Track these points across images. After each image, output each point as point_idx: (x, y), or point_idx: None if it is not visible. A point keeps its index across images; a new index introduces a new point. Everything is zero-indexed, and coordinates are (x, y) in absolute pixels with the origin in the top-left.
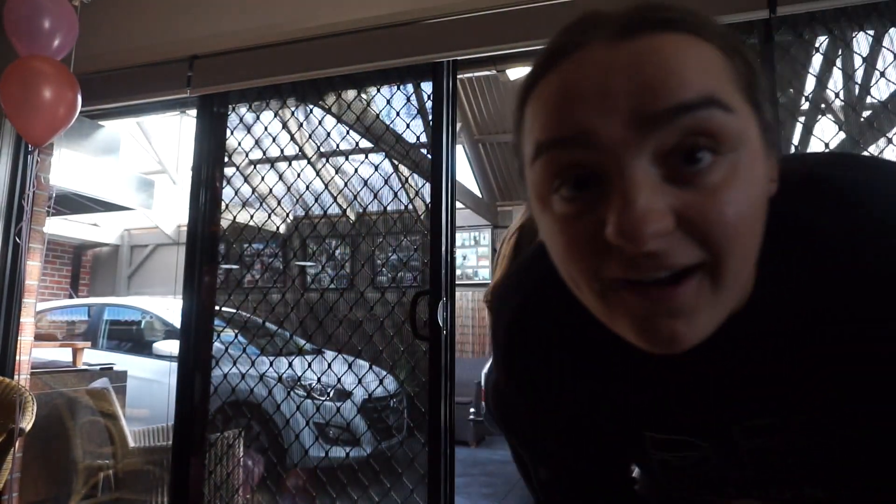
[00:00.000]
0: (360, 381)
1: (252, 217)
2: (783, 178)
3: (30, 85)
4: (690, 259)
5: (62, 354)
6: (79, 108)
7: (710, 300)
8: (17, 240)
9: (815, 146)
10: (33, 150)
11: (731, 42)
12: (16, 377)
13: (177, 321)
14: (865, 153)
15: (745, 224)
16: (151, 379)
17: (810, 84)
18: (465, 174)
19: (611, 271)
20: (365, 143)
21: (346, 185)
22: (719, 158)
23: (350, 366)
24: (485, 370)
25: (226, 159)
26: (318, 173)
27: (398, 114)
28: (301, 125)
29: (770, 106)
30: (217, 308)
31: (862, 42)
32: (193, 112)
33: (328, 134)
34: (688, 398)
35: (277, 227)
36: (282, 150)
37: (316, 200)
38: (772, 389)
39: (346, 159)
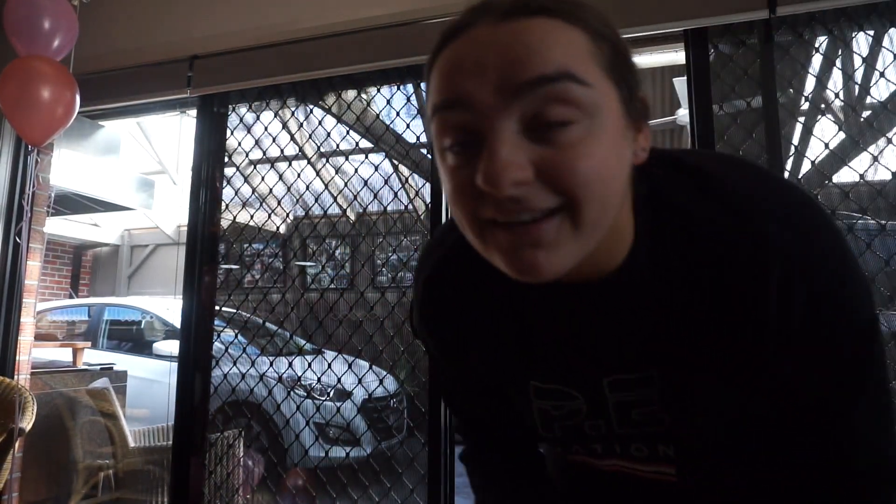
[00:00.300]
0: (360, 381)
1: (252, 217)
2: (662, 157)
3: (28, 85)
4: (547, 204)
5: (62, 354)
6: (77, 109)
7: (570, 238)
8: (18, 240)
9: (815, 146)
10: (33, 151)
11: (599, 28)
12: (16, 377)
13: (177, 321)
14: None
15: (597, 176)
16: (151, 379)
17: (810, 84)
18: None
19: (485, 213)
20: (365, 143)
21: (346, 185)
22: (575, 123)
23: (350, 366)
24: None
25: (226, 159)
26: (318, 173)
27: (398, 114)
28: (301, 125)
29: (637, 83)
30: (217, 308)
31: (862, 42)
32: (193, 112)
33: (328, 134)
34: (568, 350)
35: (277, 228)
36: (282, 151)
37: (316, 200)
38: (639, 346)
39: (346, 159)
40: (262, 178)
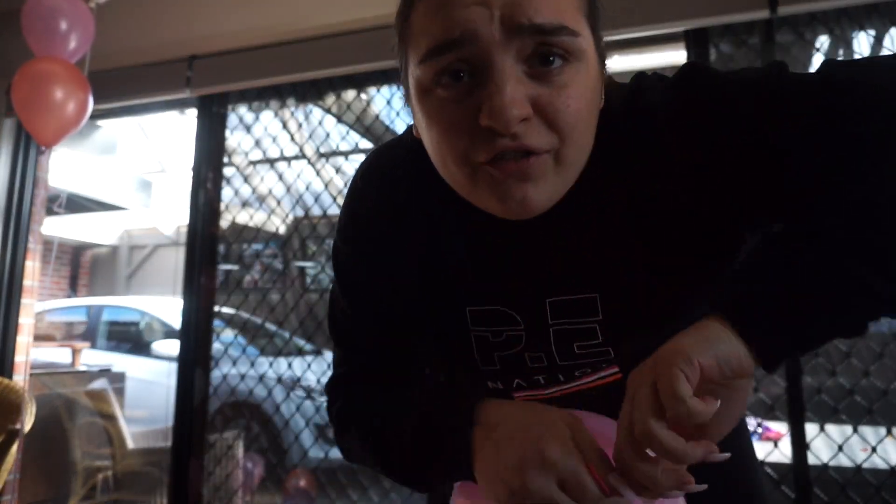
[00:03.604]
0: None
1: (252, 217)
2: (615, 94)
3: (40, 86)
4: (542, 143)
5: (61, 355)
6: (90, 110)
7: (554, 173)
8: (31, 243)
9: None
10: (45, 151)
11: None
12: (15, 378)
13: (176, 322)
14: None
15: (583, 117)
16: (150, 380)
17: None
18: None
19: (479, 156)
20: (365, 143)
21: (345, 185)
22: (567, 65)
23: None
24: None
25: (225, 160)
26: (318, 173)
27: (398, 114)
28: (301, 125)
29: (600, 27)
30: (216, 308)
31: (863, 42)
32: (193, 112)
33: (328, 134)
34: (512, 270)
35: (277, 228)
36: (281, 151)
37: (316, 200)
38: (581, 268)
39: (346, 159)
40: (262, 179)
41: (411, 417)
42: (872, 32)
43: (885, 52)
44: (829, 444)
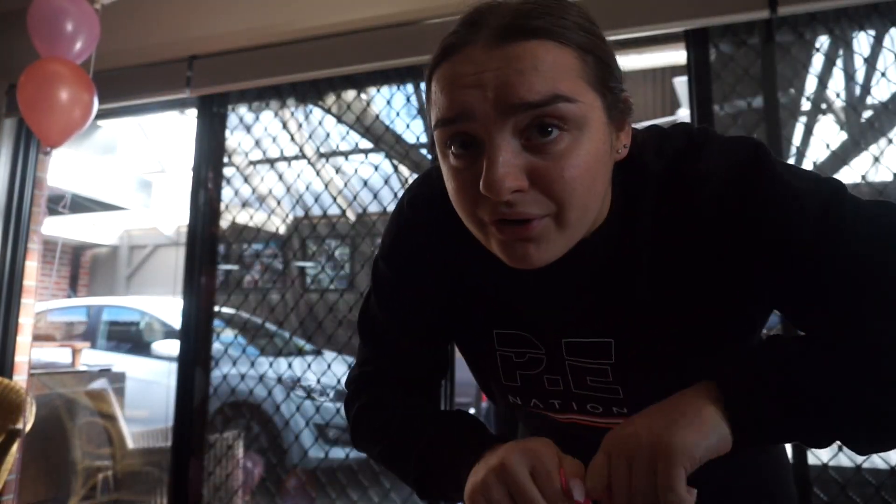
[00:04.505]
0: None
1: (252, 218)
2: (639, 140)
3: (45, 87)
4: (540, 210)
5: (61, 355)
6: (95, 111)
7: (556, 233)
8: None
9: (816, 146)
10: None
11: (585, 43)
12: (15, 378)
13: (176, 322)
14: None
15: (582, 183)
16: (150, 380)
17: (811, 84)
18: None
19: (483, 215)
20: (365, 144)
21: (345, 185)
22: (564, 133)
23: (350, 366)
24: None
25: (225, 160)
26: (318, 173)
27: (398, 114)
28: (301, 125)
29: (620, 88)
30: (216, 309)
31: (863, 42)
32: (193, 112)
33: (328, 134)
34: (533, 306)
35: (277, 228)
36: (281, 151)
37: (316, 201)
38: (598, 312)
39: (346, 159)
40: (262, 179)
41: (420, 443)
42: (872, 32)
43: (884, 52)
44: None
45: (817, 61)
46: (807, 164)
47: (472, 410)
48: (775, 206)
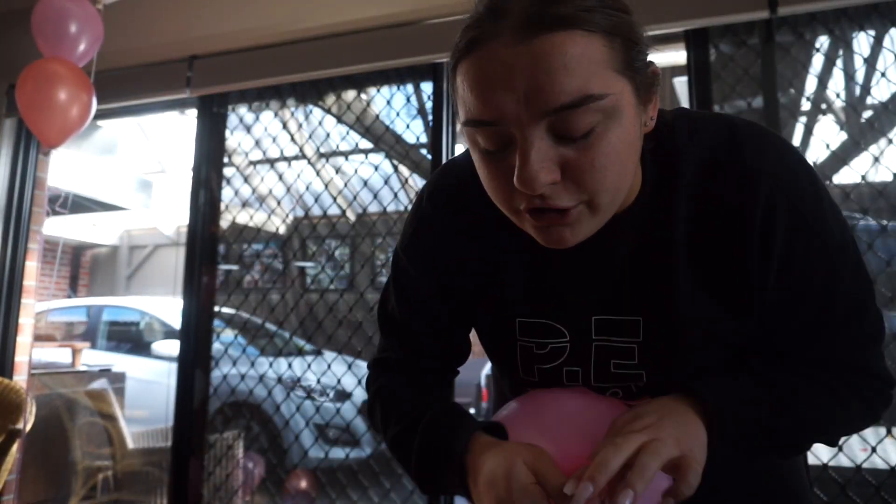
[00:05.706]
0: (360, 382)
1: (252, 218)
2: (669, 119)
3: (44, 87)
4: (573, 201)
5: (61, 355)
6: (93, 111)
7: (589, 217)
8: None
9: (816, 146)
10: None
11: (612, 25)
12: (15, 378)
13: (176, 322)
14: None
15: (613, 170)
16: (150, 380)
17: (811, 84)
18: None
19: (518, 205)
20: (365, 144)
21: (345, 185)
22: (595, 125)
23: (350, 366)
24: (485, 371)
25: (225, 160)
26: (318, 174)
27: (398, 114)
28: (301, 126)
29: (647, 62)
30: (217, 309)
31: (863, 42)
32: (193, 112)
33: (328, 134)
34: (563, 285)
35: (277, 228)
36: (281, 151)
37: (316, 201)
38: (631, 289)
39: (346, 159)
40: (262, 179)
41: (420, 436)
42: (872, 33)
43: (884, 52)
44: None
45: (817, 61)
46: None
47: (472, 410)
48: (812, 233)
